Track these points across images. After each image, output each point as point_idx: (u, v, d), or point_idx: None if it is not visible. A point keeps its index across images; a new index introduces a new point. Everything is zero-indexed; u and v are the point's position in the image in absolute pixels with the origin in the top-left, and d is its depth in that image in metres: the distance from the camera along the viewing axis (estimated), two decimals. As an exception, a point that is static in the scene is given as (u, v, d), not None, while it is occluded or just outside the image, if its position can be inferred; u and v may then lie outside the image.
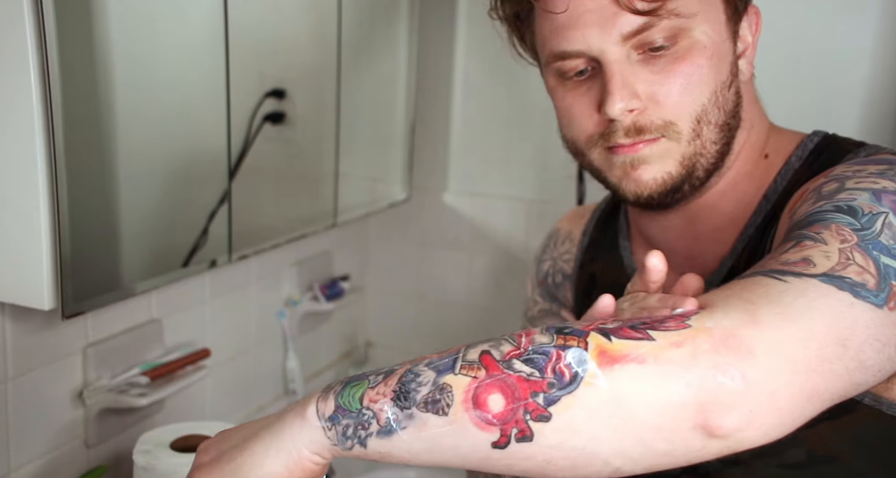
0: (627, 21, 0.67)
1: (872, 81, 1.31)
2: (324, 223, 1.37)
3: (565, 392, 0.47)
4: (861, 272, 0.53)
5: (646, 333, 0.48)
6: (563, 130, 0.77)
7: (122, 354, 1.08)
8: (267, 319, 1.43)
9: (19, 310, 0.91)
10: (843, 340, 0.50)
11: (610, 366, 0.47)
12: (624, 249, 0.89)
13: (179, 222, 1.07)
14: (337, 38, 1.31)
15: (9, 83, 0.79)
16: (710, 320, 0.49)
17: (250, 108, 1.15)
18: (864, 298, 0.51)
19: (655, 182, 0.72)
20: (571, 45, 0.70)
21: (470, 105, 1.64)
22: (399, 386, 0.50)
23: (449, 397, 0.49)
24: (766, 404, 0.47)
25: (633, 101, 0.69)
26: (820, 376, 0.49)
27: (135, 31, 0.95)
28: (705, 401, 0.46)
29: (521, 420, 0.47)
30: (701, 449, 0.48)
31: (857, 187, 0.61)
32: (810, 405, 0.49)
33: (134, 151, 0.97)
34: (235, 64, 1.08)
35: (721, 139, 0.72)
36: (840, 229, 0.56)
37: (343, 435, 0.52)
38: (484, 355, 0.50)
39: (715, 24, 0.70)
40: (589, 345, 0.48)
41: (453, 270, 1.71)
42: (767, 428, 0.48)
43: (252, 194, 1.17)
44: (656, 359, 0.47)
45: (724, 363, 0.46)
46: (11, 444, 0.95)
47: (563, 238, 0.99)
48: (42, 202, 0.81)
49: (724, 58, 0.71)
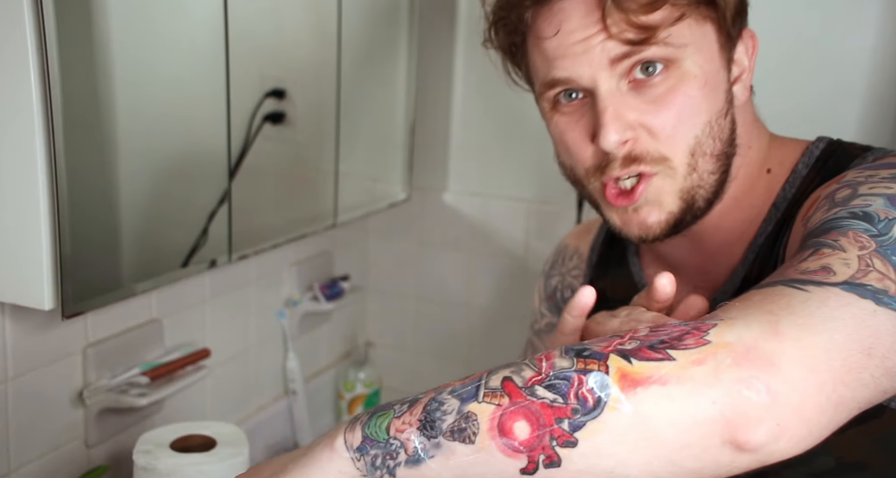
0: (615, 48, 0.67)
1: (872, 81, 1.31)
2: (324, 223, 1.37)
3: (590, 418, 0.47)
4: (882, 278, 0.52)
5: (666, 354, 0.48)
6: (560, 156, 0.77)
7: (122, 355, 1.08)
8: (267, 319, 1.43)
9: (19, 310, 0.91)
10: (867, 349, 0.49)
11: (633, 389, 0.47)
12: (634, 265, 0.88)
13: (179, 222, 1.07)
14: (337, 38, 1.31)
15: (9, 83, 0.79)
16: (731, 334, 0.48)
17: (250, 109, 1.15)
18: (887, 304, 0.51)
19: (660, 225, 0.72)
20: (561, 72, 0.70)
21: (470, 105, 1.64)
22: (424, 415, 0.51)
23: (475, 425, 0.49)
24: (793, 417, 0.47)
25: (627, 132, 0.69)
26: (846, 386, 0.48)
27: (135, 31, 0.95)
28: (732, 416, 0.46)
29: (547, 447, 0.47)
30: (730, 464, 0.48)
31: (870, 193, 0.60)
32: (838, 415, 0.49)
33: (134, 151, 0.97)
34: (235, 64, 1.08)
35: (719, 169, 0.72)
36: (857, 236, 0.56)
37: (372, 465, 0.52)
38: (506, 382, 0.50)
39: (707, 53, 0.69)
40: (610, 368, 0.48)
41: (453, 270, 1.71)
42: (797, 440, 0.47)
43: (252, 194, 1.17)
44: (679, 379, 0.47)
45: (749, 377, 0.46)
46: (11, 444, 0.95)
47: (571, 254, 0.99)
48: (42, 202, 0.81)
49: (717, 87, 0.70)
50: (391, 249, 1.76)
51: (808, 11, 1.33)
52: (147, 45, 0.98)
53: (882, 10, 1.29)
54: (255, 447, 1.38)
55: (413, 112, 1.59)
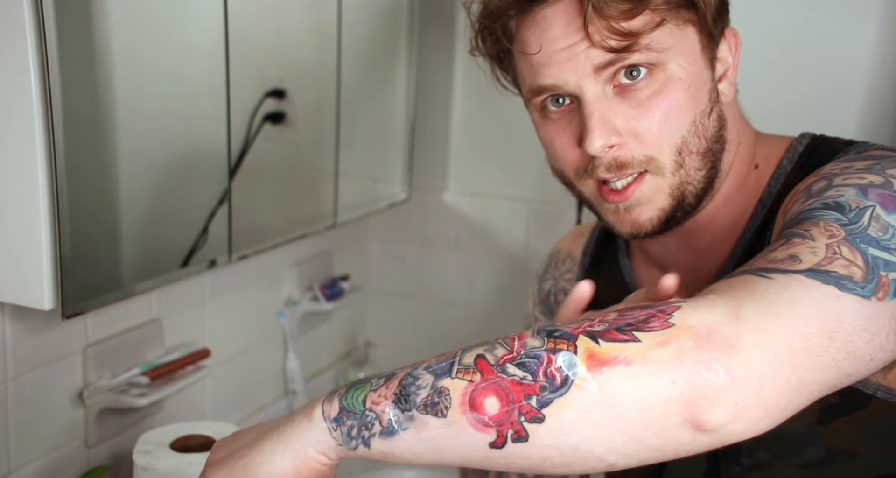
0: (598, 56, 0.68)
1: (872, 81, 1.31)
2: (324, 223, 1.37)
3: (557, 395, 0.49)
4: (848, 265, 0.53)
5: (632, 335, 0.50)
6: (550, 160, 0.79)
7: (122, 354, 1.08)
8: (267, 319, 1.43)
9: (19, 310, 0.91)
10: (828, 332, 0.51)
11: (599, 368, 0.49)
12: (625, 266, 0.89)
13: (179, 222, 1.07)
14: (337, 38, 1.31)
15: (9, 83, 0.79)
16: (694, 317, 0.50)
17: (250, 109, 1.15)
18: (850, 290, 0.52)
19: (652, 222, 0.73)
20: (547, 80, 0.71)
21: (470, 105, 1.64)
22: (400, 389, 0.52)
23: (447, 399, 0.51)
24: (751, 397, 0.48)
25: (612, 137, 0.70)
26: (805, 369, 0.50)
27: (135, 30, 0.95)
28: (692, 396, 0.48)
29: (515, 422, 0.49)
30: (691, 443, 0.49)
31: (844, 184, 0.61)
32: (798, 397, 0.50)
33: (134, 151, 0.97)
34: (235, 64, 1.08)
35: (706, 165, 0.72)
36: (828, 225, 0.57)
37: (348, 435, 0.53)
38: (479, 359, 0.51)
39: (690, 55, 0.70)
40: (578, 348, 0.50)
41: (453, 271, 1.71)
42: (755, 420, 0.49)
43: (252, 194, 1.17)
44: (643, 359, 0.49)
45: (709, 359, 0.48)
46: (11, 444, 0.95)
47: (564, 257, 1.00)
48: (42, 202, 0.81)
49: (702, 87, 0.71)
50: (391, 249, 1.76)
51: (809, 11, 1.33)
52: (147, 44, 0.98)
53: (882, 10, 1.29)
54: (255, 447, 1.37)
55: (413, 112, 1.59)
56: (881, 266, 0.54)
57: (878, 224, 0.56)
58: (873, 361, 0.53)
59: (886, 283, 0.53)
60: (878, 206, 0.58)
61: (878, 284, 0.53)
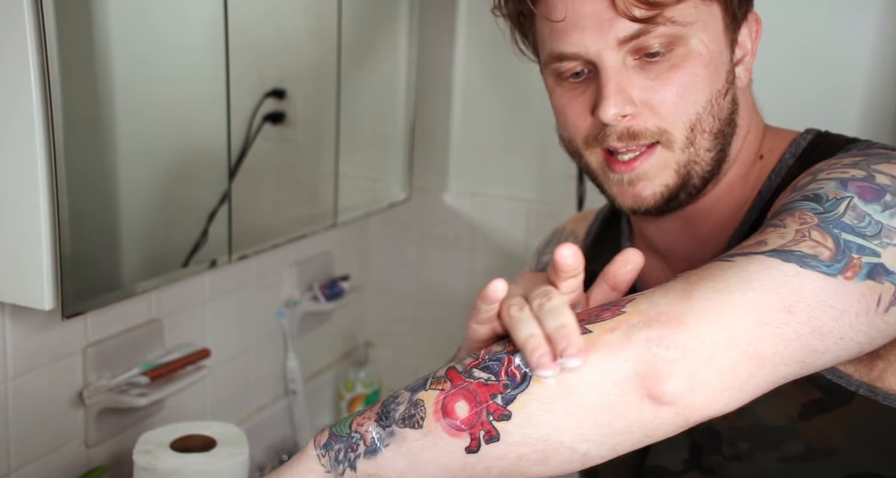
0: (624, 26, 0.68)
1: (872, 81, 1.31)
2: (324, 223, 1.37)
3: (519, 391, 0.52)
4: (815, 246, 0.54)
5: (584, 328, 0.52)
6: (560, 128, 0.78)
7: (122, 354, 1.08)
8: (267, 319, 1.43)
9: (19, 310, 0.91)
10: (787, 307, 0.52)
11: (554, 361, 0.51)
12: None
13: (179, 222, 1.07)
14: (337, 38, 1.31)
15: (9, 83, 0.79)
16: (646, 303, 0.53)
17: (250, 109, 1.15)
18: (813, 267, 0.53)
19: (654, 197, 0.73)
20: (569, 47, 0.71)
21: (470, 105, 1.64)
22: (381, 408, 0.55)
23: (422, 410, 0.53)
24: (705, 369, 0.50)
25: (627, 107, 0.70)
26: (763, 341, 0.51)
27: (135, 31, 0.95)
28: (645, 372, 0.50)
29: (485, 422, 0.52)
30: (654, 418, 0.51)
31: (826, 178, 0.62)
32: (760, 370, 0.52)
33: (134, 151, 0.97)
34: (235, 64, 1.08)
35: (715, 147, 0.72)
36: (802, 214, 0.58)
37: (335, 460, 0.55)
38: (450, 370, 0.55)
39: (712, 32, 0.70)
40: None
41: (453, 270, 1.71)
42: (714, 391, 0.51)
43: (252, 194, 1.17)
44: (595, 345, 0.51)
45: (658, 336, 0.50)
46: (11, 444, 0.95)
47: (567, 236, 1.00)
48: (42, 202, 0.81)
49: (720, 66, 0.71)
50: (391, 249, 1.76)
51: (809, 10, 1.33)
52: (147, 45, 0.98)
53: (883, 9, 1.29)
54: (255, 447, 1.38)
55: (413, 112, 1.59)
56: (854, 249, 0.54)
57: (854, 213, 0.57)
58: (843, 339, 0.54)
59: (858, 264, 0.54)
60: (855, 196, 0.58)
61: (848, 265, 0.54)
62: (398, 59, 1.54)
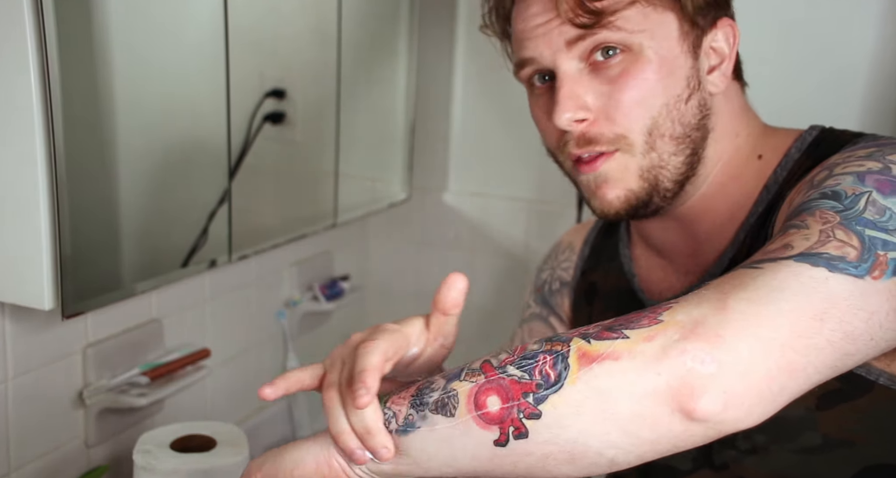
0: (569, 31, 0.71)
1: (872, 79, 1.31)
2: (324, 223, 1.37)
3: (551, 391, 0.52)
4: (841, 246, 0.54)
5: (621, 332, 0.52)
6: (541, 136, 0.81)
7: (122, 354, 1.08)
8: (267, 319, 1.43)
9: (19, 310, 0.91)
10: (819, 314, 0.51)
11: (588, 365, 0.51)
12: (624, 256, 0.90)
13: (179, 222, 1.07)
14: (337, 38, 1.31)
15: (9, 83, 0.79)
16: (682, 313, 0.52)
17: (250, 108, 1.15)
18: (842, 270, 0.53)
19: (619, 200, 0.74)
20: (525, 53, 0.74)
21: (470, 105, 1.64)
22: (416, 391, 0.57)
23: (455, 399, 0.54)
24: (739, 384, 0.49)
25: (580, 112, 0.71)
26: (796, 352, 0.51)
27: (135, 30, 0.95)
28: (678, 386, 0.49)
29: (515, 418, 0.52)
30: (684, 432, 0.51)
31: (842, 172, 0.62)
32: (793, 381, 0.51)
33: (134, 151, 0.97)
34: (235, 64, 1.08)
35: (682, 151, 0.73)
36: (823, 213, 0.58)
37: None
38: (484, 364, 0.55)
39: (664, 40, 0.71)
40: (571, 348, 0.53)
41: (453, 270, 1.71)
42: (748, 407, 0.50)
43: (252, 194, 1.17)
44: (630, 353, 0.51)
45: (694, 349, 0.50)
46: (11, 444, 0.95)
47: (564, 248, 1.01)
48: (42, 202, 0.81)
49: (675, 72, 0.72)
50: (391, 249, 1.76)
51: (808, 7, 1.33)
52: (147, 44, 0.98)
53: (882, 7, 1.29)
54: (255, 447, 1.38)
55: (413, 112, 1.59)
56: (879, 246, 0.54)
57: (875, 208, 0.57)
58: (873, 339, 0.53)
59: (884, 261, 0.54)
60: (874, 191, 0.58)
61: (875, 263, 0.53)
62: (398, 59, 1.54)
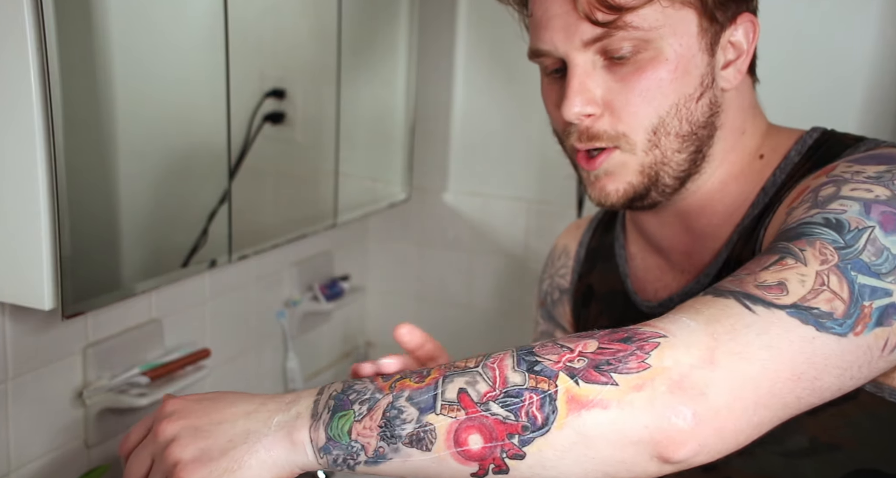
0: (587, 29, 0.69)
1: (872, 81, 1.31)
2: (324, 223, 1.37)
3: (538, 435, 0.52)
4: (831, 299, 0.55)
5: (609, 377, 0.53)
6: (548, 115, 0.80)
7: (122, 354, 1.08)
8: (267, 319, 1.43)
9: (19, 310, 0.91)
10: (798, 375, 0.54)
11: (577, 411, 0.52)
12: (620, 257, 0.90)
13: (179, 222, 1.07)
14: (337, 38, 1.31)
15: (9, 83, 0.79)
16: (670, 358, 0.53)
17: (250, 109, 1.15)
18: (828, 329, 0.54)
19: (617, 193, 0.74)
20: (542, 44, 0.73)
21: (470, 105, 1.64)
22: (384, 422, 0.54)
23: (432, 434, 0.53)
24: (713, 436, 0.52)
25: (588, 107, 0.71)
26: (767, 409, 0.54)
27: (135, 31, 0.95)
28: (661, 439, 0.52)
29: (498, 458, 0.52)
30: (657, 472, 0.54)
31: (850, 196, 0.61)
32: (756, 432, 0.55)
33: (134, 151, 0.97)
34: (235, 64, 1.08)
35: (686, 148, 0.73)
36: (823, 248, 0.58)
37: (334, 462, 0.56)
38: (462, 395, 0.54)
39: (683, 36, 0.70)
40: (559, 389, 0.52)
41: (453, 270, 1.71)
42: (714, 453, 0.53)
43: (252, 194, 1.17)
44: (619, 403, 0.52)
45: (678, 404, 0.52)
46: (11, 444, 0.95)
47: (560, 253, 1.01)
48: (42, 202, 0.81)
49: (692, 70, 0.71)
50: (391, 249, 1.76)
51: (809, 9, 1.33)
52: (147, 45, 0.98)
53: (882, 8, 1.29)
54: (255, 447, 1.37)
55: (413, 112, 1.59)
56: (867, 295, 0.55)
57: (874, 247, 0.57)
58: (840, 390, 0.56)
59: (868, 314, 0.55)
60: (878, 226, 0.58)
61: (859, 318, 0.55)
62: (398, 59, 1.54)
